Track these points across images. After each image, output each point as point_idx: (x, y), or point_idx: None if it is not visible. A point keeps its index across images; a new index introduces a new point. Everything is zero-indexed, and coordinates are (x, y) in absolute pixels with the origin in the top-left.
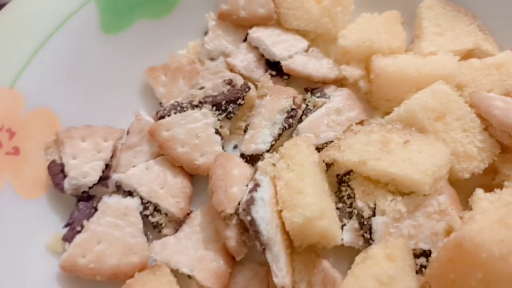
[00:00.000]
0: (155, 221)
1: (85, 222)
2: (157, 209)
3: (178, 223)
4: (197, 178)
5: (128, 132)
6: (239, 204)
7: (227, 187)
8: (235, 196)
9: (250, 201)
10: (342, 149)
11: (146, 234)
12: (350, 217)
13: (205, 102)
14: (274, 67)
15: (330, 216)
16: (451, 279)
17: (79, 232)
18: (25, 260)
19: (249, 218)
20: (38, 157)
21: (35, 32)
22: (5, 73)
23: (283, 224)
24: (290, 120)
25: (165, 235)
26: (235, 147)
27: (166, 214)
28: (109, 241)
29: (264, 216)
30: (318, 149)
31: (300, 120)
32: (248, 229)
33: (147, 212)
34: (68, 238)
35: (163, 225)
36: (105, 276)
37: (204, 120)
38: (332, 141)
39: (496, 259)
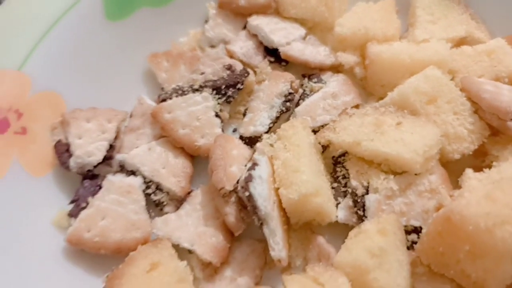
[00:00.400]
0: (157, 199)
1: (90, 199)
2: (159, 188)
3: (179, 202)
4: (197, 160)
5: (131, 116)
6: (237, 182)
7: (227, 166)
8: (234, 174)
9: (248, 178)
10: (337, 131)
11: (148, 212)
12: (345, 196)
13: (206, 86)
14: (272, 53)
15: (325, 193)
16: (440, 252)
17: (84, 208)
18: (32, 234)
19: (247, 194)
20: (44, 137)
21: (42, 18)
22: (13, 57)
23: (280, 202)
24: (288, 103)
25: (167, 213)
26: (235, 130)
27: (167, 192)
28: (113, 217)
29: (261, 192)
30: (314, 131)
31: (297, 104)
32: (246, 207)
33: (150, 191)
34: (73, 214)
35: (165, 203)
36: (109, 250)
37: (204, 103)
38: (328, 124)
39: (482, 232)
